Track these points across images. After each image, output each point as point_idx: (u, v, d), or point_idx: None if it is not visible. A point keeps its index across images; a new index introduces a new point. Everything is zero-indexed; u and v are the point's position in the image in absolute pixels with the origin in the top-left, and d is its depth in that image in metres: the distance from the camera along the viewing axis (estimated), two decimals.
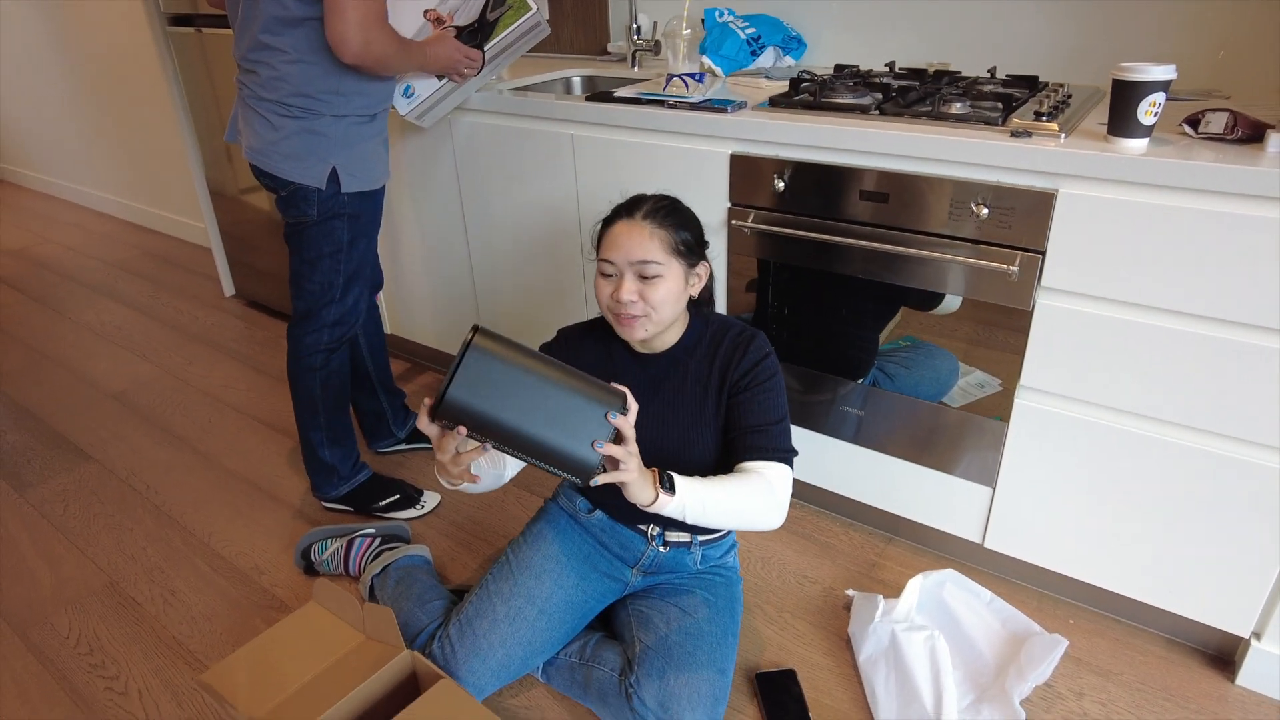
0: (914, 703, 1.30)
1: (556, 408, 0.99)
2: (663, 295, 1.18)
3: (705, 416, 1.29)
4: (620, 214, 1.22)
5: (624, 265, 1.18)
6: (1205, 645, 1.44)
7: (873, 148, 1.35)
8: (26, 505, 1.98)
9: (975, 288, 1.35)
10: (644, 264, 1.17)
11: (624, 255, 1.18)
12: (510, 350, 0.99)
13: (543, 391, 0.99)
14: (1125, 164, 1.16)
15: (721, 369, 1.28)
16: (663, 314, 1.20)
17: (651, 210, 1.20)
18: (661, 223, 1.19)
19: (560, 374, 1.00)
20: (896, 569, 1.64)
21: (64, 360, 2.69)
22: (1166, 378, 1.24)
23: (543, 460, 1.01)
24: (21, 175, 4.82)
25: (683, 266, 1.21)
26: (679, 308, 1.23)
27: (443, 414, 0.97)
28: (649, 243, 1.17)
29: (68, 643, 1.58)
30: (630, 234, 1.18)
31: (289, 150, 1.54)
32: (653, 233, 1.18)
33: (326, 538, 1.70)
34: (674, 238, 1.19)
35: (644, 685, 1.25)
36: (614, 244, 1.19)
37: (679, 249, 1.20)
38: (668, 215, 1.20)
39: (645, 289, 1.18)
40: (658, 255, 1.18)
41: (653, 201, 1.22)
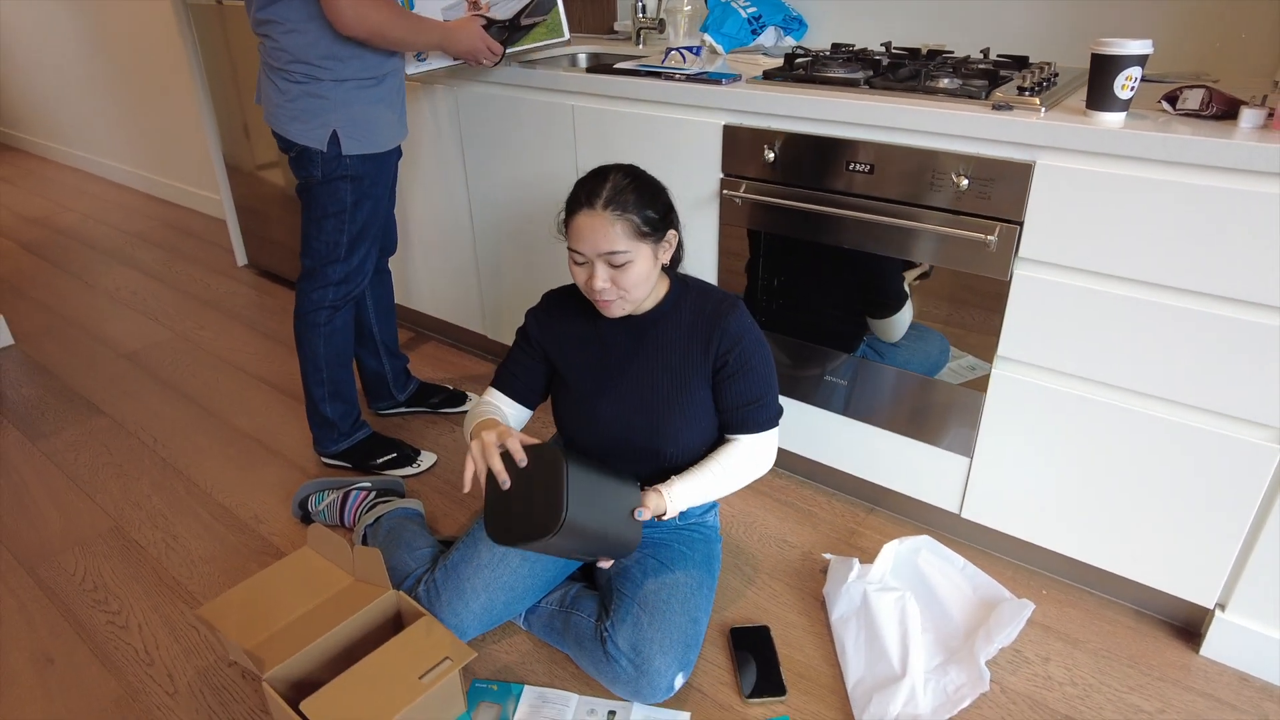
0: (881, 660, 1.34)
1: (618, 503, 1.21)
2: (634, 278, 1.21)
3: (686, 382, 1.32)
4: (581, 203, 1.20)
5: (593, 256, 1.20)
6: (1173, 617, 1.47)
7: (859, 119, 1.39)
8: (39, 454, 2.05)
9: (954, 258, 1.38)
10: (612, 254, 1.18)
11: (591, 248, 1.19)
12: (587, 465, 1.18)
13: (608, 492, 1.20)
14: (1101, 136, 1.19)
15: (703, 344, 1.30)
16: (637, 294, 1.23)
17: (611, 196, 1.18)
18: (623, 208, 1.18)
19: (606, 473, 1.21)
20: (876, 537, 1.68)
21: (81, 322, 2.77)
22: (1139, 349, 1.27)
23: (605, 552, 1.24)
24: (46, 147, 4.92)
25: (651, 246, 1.22)
26: (653, 281, 1.26)
27: (561, 533, 1.12)
28: (613, 232, 1.17)
29: (74, 579, 1.64)
30: (594, 226, 1.18)
31: (294, 112, 1.60)
32: (615, 221, 1.17)
33: (323, 489, 1.76)
34: (637, 221, 1.19)
35: (618, 630, 1.29)
36: (579, 236, 1.20)
37: (643, 231, 1.19)
38: (629, 198, 1.18)
39: (617, 275, 1.20)
40: (624, 244, 1.18)
41: (611, 183, 1.19)
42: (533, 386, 1.43)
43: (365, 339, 2.03)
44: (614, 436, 1.34)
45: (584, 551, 1.21)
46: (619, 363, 1.33)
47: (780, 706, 1.32)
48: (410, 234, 2.34)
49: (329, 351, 1.80)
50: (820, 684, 1.36)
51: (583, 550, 1.21)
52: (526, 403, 1.43)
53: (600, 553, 1.23)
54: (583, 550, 1.21)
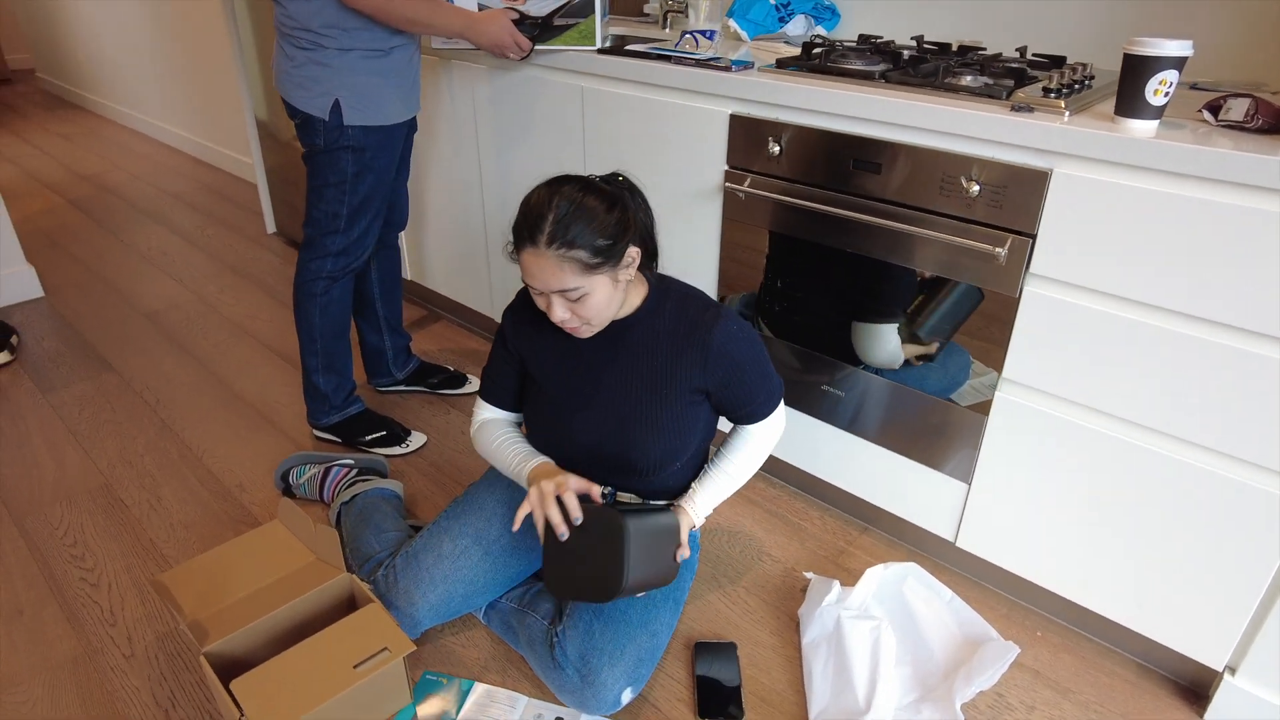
0: (847, 691, 1.26)
1: (667, 551, 1.21)
2: (594, 308, 1.12)
3: (662, 394, 1.24)
4: (524, 240, 1.10)
5: (546, 291, 1.12)
6: (1178, 675, 1.35)
7: (868, 114, 1.30)
8: (47, 406, 2.08)
9: (961, 269, 1.28)
10: (564, 292, 1.10)
11: (542, 285, 1.11)
12: (642, 521, 1.17)
13: (660, 544, 1.20)
14: (1126, 145, 1.08)
15: (686, 359, 1.21)
16: (601, 318, 1.15)
17: (553, 232, 1.07)
18: (568, 245, 1.07)
19: (657, 520, 1.20)
20: (865, 559, 1.59)
21: (110, 278, 2.82)
22: (1157, 382, 1.16)
23: (652, 588, 1.21)
24: (105, 106, 5.06)
25: (606, 274, 1.12)
26: (618, 303, 1.17)
27: (622, 592, 1.14)
28: (561, 273, 1.08)
29: (56, 533, 1.66)
30: (541, 266, 1.09)
31: (299, 79, 1.58)
32: (561, 261, 1.07)
33: (306, 463, 1.74)
34: (585, 256, 1.08)
35: (568, 636, 1.24)
36: (528, 273, 1.12)
37: (594, 264, 1.09)
38: (574, 232, 1.07)
39: (576, 306, 1.12)
40: (574, 281, 1.09)
41: (551, 217, 1.07)
42: (518, 392, 1.38)
43: (368, 314, 2.01)
44: (585, 445, 1.28)
45: (644, 588, 1.21)
46: (593, 370, 1.26)
47: None
48: (425, 211, 2.31)
49: (324, 322, 1.79)
50: (782, 710, 1.29)
51: (639, 589, 1.20)
52: (517, 409, 1.39)
53: (640, 592, 1.22)
54: (639, 589, 1.20)
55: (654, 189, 1.67)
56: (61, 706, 1.29)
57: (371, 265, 1.96)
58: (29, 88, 5.95)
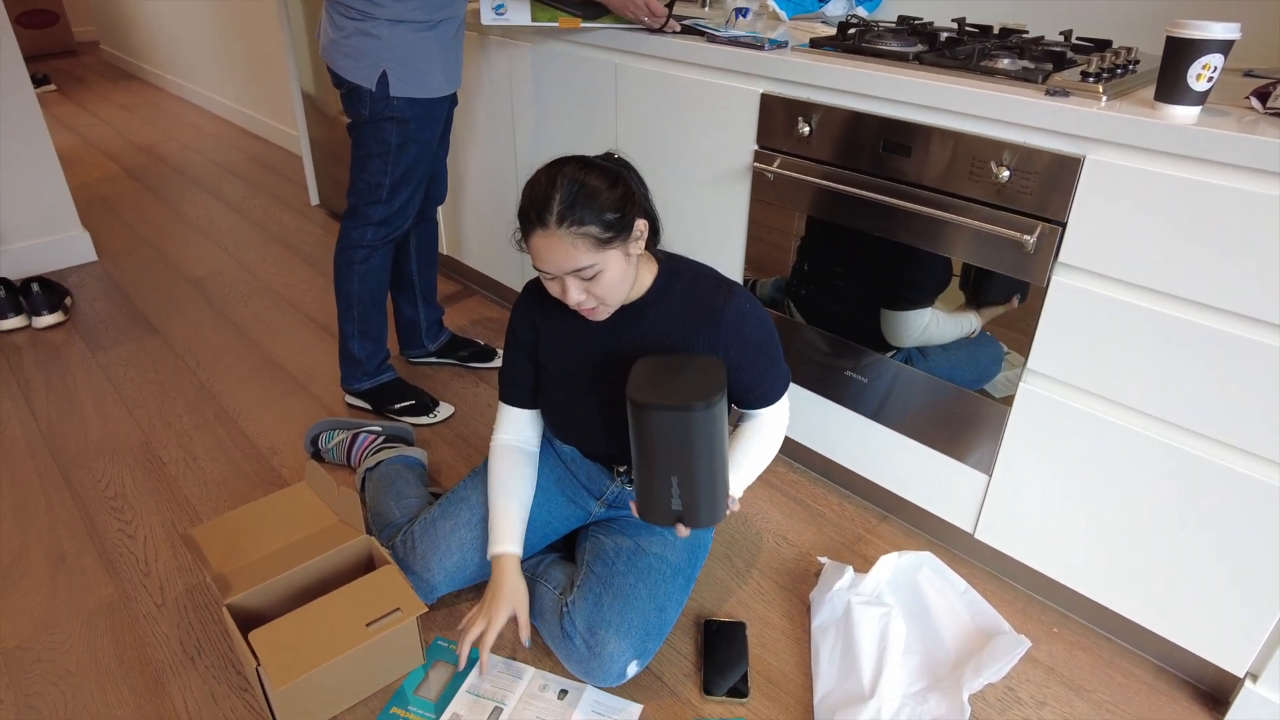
0: (852, 675, 1.25)
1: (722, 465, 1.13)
2: (608, 284, 1.12)
3: None
4: (533, 224, 1.08)
5: (559, 273, 1.11)
6: (1198, 679, 1.32)
7: (899, 96, 1.27)
8: (96, 365, 2.17)
9: (987, 257, 1.26)
10: (578, 271, 1.10)
11: (555, 268, 1.10)
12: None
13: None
14: (1164, 131, 1.04)
15: (697, 339, 1.21)
16: (616, 296, 1.14)
17: (563, 211, 1.06)
18: (578, 222, 1.06)
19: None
20: (882, 546, 1.58)
21: (159, 245, 2.91)
22: (1187, 379, 1.13)
23: (699, 490, 1.11)
24: (163, 79, 5.20)
25: (618, 248, 1.11)
26: (631, 279, 1.16)
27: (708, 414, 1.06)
28: (574, 251, 1.07)
29: (98, 485, 1.73)
30: (552, 247, 1.08)
31: (347, 49, 1.60)
32: (573, 239, 1.06)
33: (334, 429, 1.79)
34: (597, 231, 1.07)
35: (577, 606, 1.26)
36: (540, 258, 1.10)
37: (605, 238, 1.08)
38: (582, 208, 1.06)
39: (590, 285, 1.12)
40: (587, 259, 1.08)
41: (560, 196, 1.07)
42: (527, 377, 1.37)
43: (405, 285, 2.05)
44: (594, 428, 1.29)
45: (688, 470, 1.09)
46: (604, 353, 1.26)
47: (740, 709, 1.26)
48: (463, 186, 2.33)
49: (363, 290, 1.82)
50: (787, 692, 1.29)
51: (688, 468, 1.09)
52: (537, 406, 1.39)
53: (696, 486, 1.11)
54: (688, 468, 1.09)
55: (683, 168, 1.66)
56: (96, 649, 1.35)
57: (410, 237, 1.99)
58: (93, 59, 6.13)
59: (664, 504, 1.12)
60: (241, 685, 1.28)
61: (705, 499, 1.11)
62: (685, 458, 1.07)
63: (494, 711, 1.24)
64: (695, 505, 1.12)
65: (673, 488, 1.10)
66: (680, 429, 1.05)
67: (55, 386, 2.07)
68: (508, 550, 1.30)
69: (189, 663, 1.32)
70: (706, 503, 1.12)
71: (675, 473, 1.09)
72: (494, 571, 1.29)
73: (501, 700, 1.26)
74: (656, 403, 1.05)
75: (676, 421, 1.05)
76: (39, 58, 5.99)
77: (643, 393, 1.07)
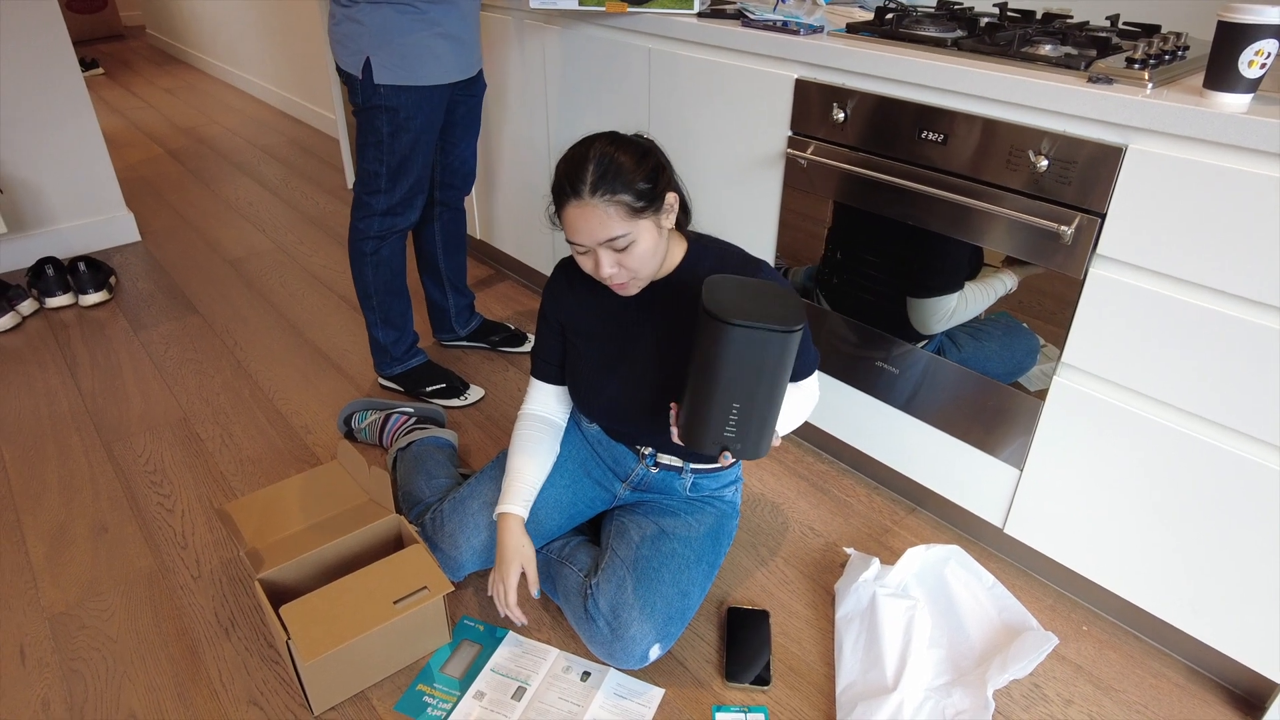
0: (875, 667, 1.25)
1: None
2: (641, 255, 1.12)
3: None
4: (567, 195, 1.10)
5: (593, 245, 1.12)
6: (1232, 683, 1.29)
7: (935, 82, 1.25)
8: (138, 343, 2.22)
9: (1023, 247, 1.23)
10: (611, 240, 1.10)
11: (589, 238, 1.11)
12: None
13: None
14: (1211, 120, 1.01)
15: None
16: (648, 269, 1.15)
17: (596, 181, 1.08)
18: (612, 191, 1.08)
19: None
20: (909, 539, 1.57)
21: (199, 226, 2.97)
22: (1228, 375, 1.10)
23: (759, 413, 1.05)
24: (206, 63, 5.28)
25: (650, 219, 1.12)
26: (662, 252, 1.17)
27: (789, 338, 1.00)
28: (608, 220, 1.08)
29: (139, 459, 1.78)
30: (586, 216, 1.09)
31: (338, 36, 1.60)
32: (606, 208, 1.08)
33: (368, 409, 1.81)
34: (630, 200, 1.08)
35: (601, 589, 1.27)
36: (574, 229, 1.11)
37: (638, 207, 1.09)
38: (615, 178, 1.08)
39: (622, 257, 1.12)
40: (621, 227, 1.09)
41: (593, 167, 1.09)
42: (557, 357, 1.38)
43: (432, 272, 2.06)
44: (624, 405, 1.29)
45: (752, 396, 1.03)
46: (633, 329, 1.27)
47: (761, 697, 1.27)
48: (495, 171, 2.34)
49: (378, 280, 1.83)
50: (809, 681, 1.29)
51: (754, 394, 1.03)
52: (565, 383, 1.40)
53: (755, 415, 1.04)
54: (754, 394, 1.03)
55: (715, 154, 1.65)
56: (136, 618, 1.40)
57: (435, 226, 1.99)
58: (139, 44, 6.25)
59: (716, 430, 1.06)
60: (273, 657, 1.32)
61: (763, 429, 1.06)
62: (755, 383, 1.01)
63: (518, 691, 1.26)
64: (750, 435, 1.06)
65: (731, 414, 1.03)
66: (761, 351, 0.98)
67: (100, 363, 2.13)
68: (512, 510, 1.31)
69: (223, 634, 1.36)
70: (761, 433, 1.06)
71: (739, 398, 1.02)
72: (498, 532, 1.32)
73: (525, 680, 1.27)
74: (742, 320, 0.96)
75: (760, 342, 0.97)
76: (87, 42, 6.12)
77: (724, 308, 0.98)
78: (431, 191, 1.92)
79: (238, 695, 1.26)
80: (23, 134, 2.52)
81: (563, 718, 1.22)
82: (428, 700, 1.24)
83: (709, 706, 1.25)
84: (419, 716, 1.22)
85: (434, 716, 1.22)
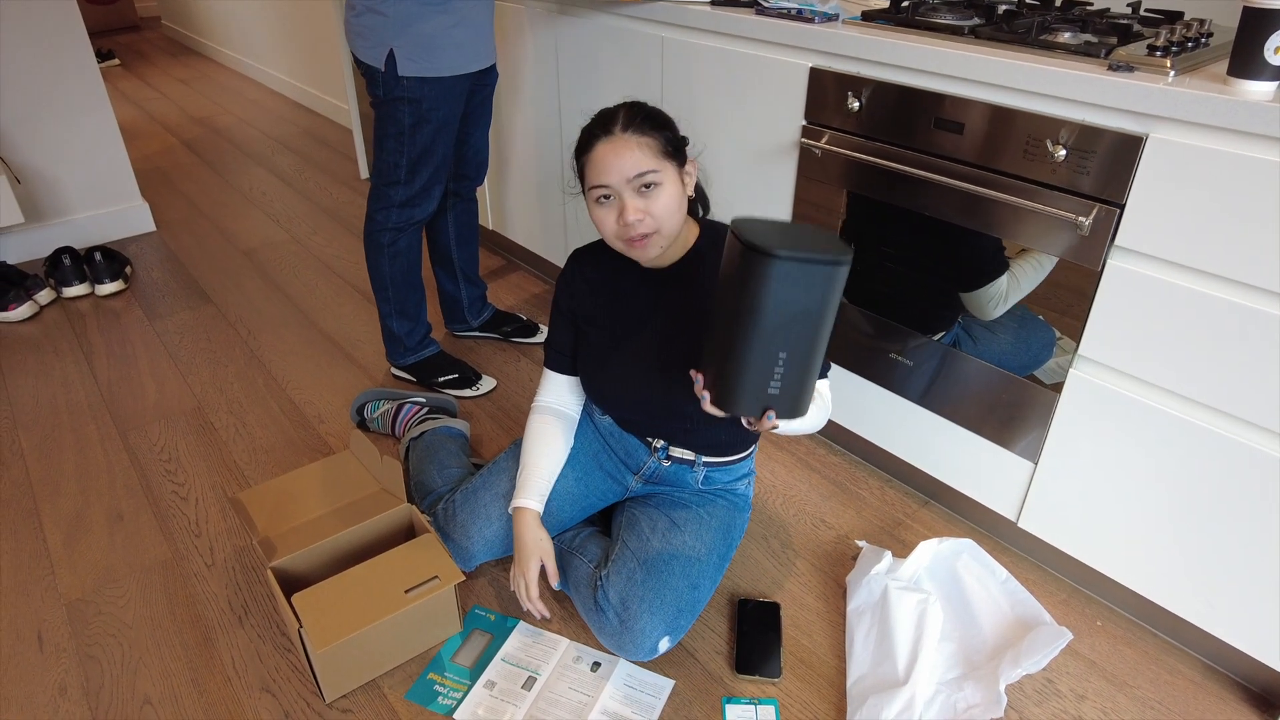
0: (886, 661, 1.24)
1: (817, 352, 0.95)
2: (665, 204, 1.13)
3: None
4: (597, 135, 1.13)
5: (620, 186, 1.12)
6: (1249, 680, 1.28)
7: (951, 70, 1.23)
8: (153, 332, 2.24)
9: (1040, 239, 1.22)
10: (641, 176, 1.11)
11: (618, 175, 1.11)
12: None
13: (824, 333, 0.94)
14: (1235, 109, 0.99)
15: None
16: (670, 224, 1.15)
17: (628, 121, 1.12)
18: (643, 130, 1.12)
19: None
20: (922, 532, 1.56)
21: (214, 216, 2.98)
22: (1248, 370, 1.08)
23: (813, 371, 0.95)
24: (221, 53, 5.30)
25: (675, 168, 1.15)
26: (682, 214, 1.18)
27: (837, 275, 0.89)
28: (639, 154, 1.10)
29: (154, 448, 1.79)
30: (617, 152, 1.11)
31: (358, 28, 1.60)
32: (639, 143, 1.11)
33: (380, 399, 1.82)
34: (660, 141, 1.13)
35: (611, 581, 1.27)
36: (603, 167, 1.12)
37: (668, 150, 1.13)
38: (645, 121, 1.13)
39: (648, 203, 1.13)
40: (652, 163, 1.11)
41: (624, 112, 1.14)
42: (570, 348, 1.38)
43: (445, 263, 2.06)
44: (635, 392, 1.29)
45: (805, 341, 0.91)
46: (642, 316, 1.26)
47: (771, 689, 1.26)
48: (508, 161, 2.34)
49: (394, 271, 1.84)
50: (820, 674, 1.29)
51: (806, 339, 0.91)
52: (578, 373, 1.40)
53: (806, 364, 0.94)
54: (806, 339, 0.91)
55: (729, 144, 1.64)
56: (152, 604, 1.41)
57: (448, 217, 1.99)
58: (155, 34, 6.28)
59: (758, 387, 0.93)
60: (285, 645, 1.33)
61: (806, 383, 0.94)
62: (803, 329, 0.89)
63: (528, 680, 1.26)
64: (794, 389, 0.93)
65: (777, 365, 0.91)
66: (810, 287, 0.86)
67: (115, 352, 2.15)
68: (528, 505, 1.32)
69: (236, 622, 1.37)
70: (804, 387, 0.94)
71: (787, 345, 0.90)
72: (515, 526, 1.32)
73: (536, 670, 1.28)
74: (789, 253, 0.84)
75: (810, 276, 0.85)
76: (103, 33, 6.16)
77: (767, 241, 0.85)
78: (445, 183, 1.92)
79: (250, 682, 1.27)
80: (40, 125, 2.53)
81: (573, 708, 1.22)
82: (439, 689, 1.25)
83: (719, 698, 1.25)
84: (430, 705, 1.23)
85: (445, 705, 1.23)
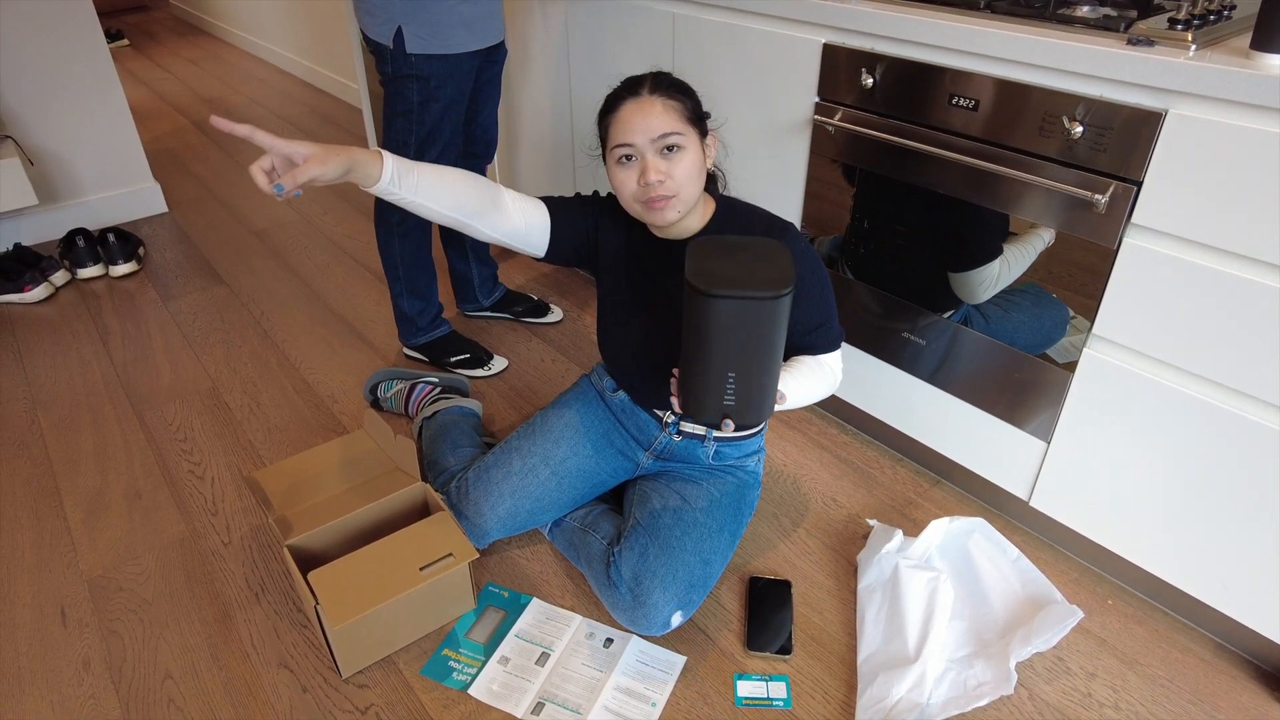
0: (897, 638, 1.25)
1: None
2: (686, 168, 1.14)
3: None
4: (624, 96, 1.15)
5: (644, 146, 1.12)
6: (1261, 659, 1.28)
7: (967, 46, 1.22)
8: (166, 313, 2.25)
9: (1055, 217, 1.21)
10: (665, 136, 1.12)
11: (643, 135, 1.12)
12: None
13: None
14: (1257, 83, 0.98)
15: None
16: (689, 190, 1.16)
17: (655, 84, 1.15)
18: (669, 94, 1.14)
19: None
20: (933, 511, 1.56)
21: (224, 196, 2.99)
22: (1265, 349, 1.07)
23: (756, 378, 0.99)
24: (230, 33, 5.28)
25: (698, 136, 1.16)
26: (701, 183, 1.18)
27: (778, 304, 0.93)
28: (665, 115, 1.12)
29: (170, 428, 1.81)
30: (643, 111, 1.12)
31: (367, 6, 1.59)
32: (665, 104, 1.13)
33: (393, 379, 1.83)
34: (685, 105, 1.15)
35: (624, 556, 1.28)
36: (628, 127, 1.13)
37: (692, 116, 1.15)
38: (671, 86, 1.15)
39: (671, 166, 1.13)
40: (677, 125, 1.13)
41: (652, 77, 1.16)
42: (568, 226, 1.28)
43: (455, 242, 2.06)
44: (646, 357, 1.30)
45: (748, 365, 0.97)
46: (656, 280, 1.27)
47: (783, 666, 1.28)
48: (518, 139, 2.33)
49: (404, 251, 1.84)
50: (831, 651, 1.30)
51: (749, 362, 0.97)
52: (549, 225, 1.26)
53: (753, 383, 1.00)
54: (749, 362, 0.97)
55: (741, 121, 1.63)
56: (170, 581, 1.43)
57: None
58: (163, 14, 6.26)
59: (715, 401, 1.01)
60: (302, 622, 1.35)
61: (764, 394, 1.01)
62: (748, 352, 0.96)
63: (541, 656, 1.28)
64: (751, 401, 1.01)
65: (728, 383, 0.99)
66: (749, 320, 0.92)
67: (130, 333, 2.17)
68: (386, 154, 1.09)
69: (253, 598, 1.39)
70: (762, 398, 1.02)
71: (734, 368, 0.97)
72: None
73: (549, 646, 1.29)
74: (724, 291, 0.90)
75: (746, 312, 0.92)
76: (112, 14, 6.14)
77: (706, 279, 0.91)
78: (454, 161, 1.91)
79: (268, 658, 1.29)
80: (52, 107, 2.54)
81: (586, 683, 1.24)
82: (453, 665, 1.27)
83: (730, 674, 1.26)
84: (445, 680, 1.24)
85: (459, 681, 1.24)
